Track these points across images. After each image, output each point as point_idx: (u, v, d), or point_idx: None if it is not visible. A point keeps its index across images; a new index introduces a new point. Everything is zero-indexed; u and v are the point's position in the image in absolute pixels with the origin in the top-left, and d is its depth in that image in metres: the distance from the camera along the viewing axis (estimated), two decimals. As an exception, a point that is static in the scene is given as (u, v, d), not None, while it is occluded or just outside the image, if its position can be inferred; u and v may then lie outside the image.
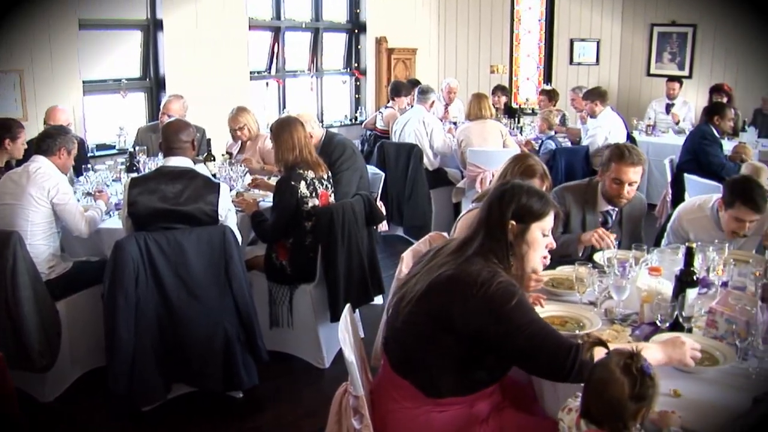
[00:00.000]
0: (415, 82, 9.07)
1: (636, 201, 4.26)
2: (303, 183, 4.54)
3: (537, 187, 2.89)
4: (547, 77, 11.41)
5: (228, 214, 4.19)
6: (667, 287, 3.07)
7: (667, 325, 2.90)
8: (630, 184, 3.99)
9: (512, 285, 2.47)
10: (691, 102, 10.11)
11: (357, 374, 2.53)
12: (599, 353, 2.28)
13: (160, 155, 4.81)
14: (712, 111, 7.21)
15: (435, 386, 2.54)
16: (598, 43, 11.28)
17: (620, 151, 4.03)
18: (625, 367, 2.08)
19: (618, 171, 3.97)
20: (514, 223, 2.60)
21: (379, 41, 10.19)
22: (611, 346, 2.34)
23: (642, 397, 2.08)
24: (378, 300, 5.07)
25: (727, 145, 7.39)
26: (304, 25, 9.47)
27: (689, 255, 2.97)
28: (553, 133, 7.81)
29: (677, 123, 9.59)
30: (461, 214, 3.84)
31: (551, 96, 9.37)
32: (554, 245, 2.78)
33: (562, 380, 2.45)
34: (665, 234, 4.38)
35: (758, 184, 3.91)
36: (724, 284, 3.40)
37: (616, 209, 4.18)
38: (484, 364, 2.54)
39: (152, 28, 7.46)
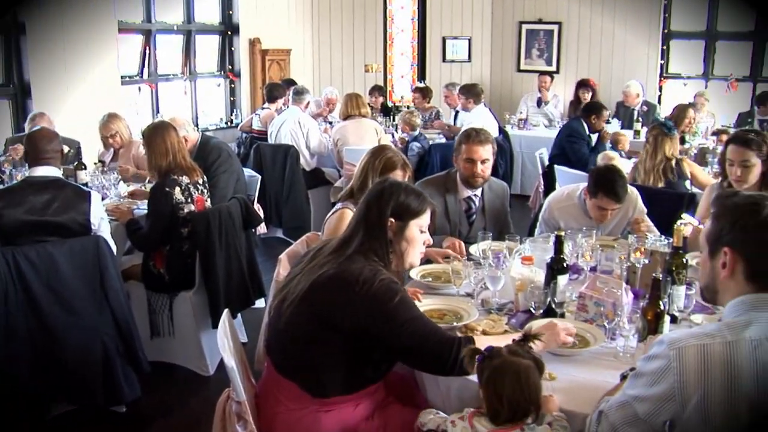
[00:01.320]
0: (291, 82, 9.04)
1: (498, 188, 4.46)
2: (178, 189, 4.46)
3: (401, 178, 2.94)
4: (421, 75, 11.60)
5: (101, 224, 4.07)
6: (539, 275, 3.18)
7: (541, 311, 3.00)
8: (482, 162, 4.17)
9: (394, 283, 2.52)
10: (560, 95, 10.53)
11: (238, 380, 2.51)
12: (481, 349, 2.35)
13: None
14: (591, 110, 7.49)
15: (320, 386, 2.55)
16: (469, 40, 11.56)
17: (467, 133, 4.26)
18: (523, 351, 2.21)
19: (468, 151, 4.16)
20: (393, 220, 2.65)
21: (253, 43, 10.09)
22: (494, 341, 2.42)
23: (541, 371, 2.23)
24: (259, 303, 5.03)
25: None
26: (176, 28, 9.27)
27: (558, 243, 3.10)
28: (417, 133, 7.93)
29: (546, 103, 9.99)
30: (328, 215, 3.87)
31: (425, 93, 9.52)
32: (431, 241, 2.85)
33: (446, 374, 2.51)
34: (538, 223, 4.54)
35: (620, 174, 4.09)
36: (593, 269, 3.55)
37: (479, 196, 4.33)
38: (369, 361, 2.57)
39: (14, 31, 7.12)
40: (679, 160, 5.42)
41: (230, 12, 9.96)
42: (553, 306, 3.02)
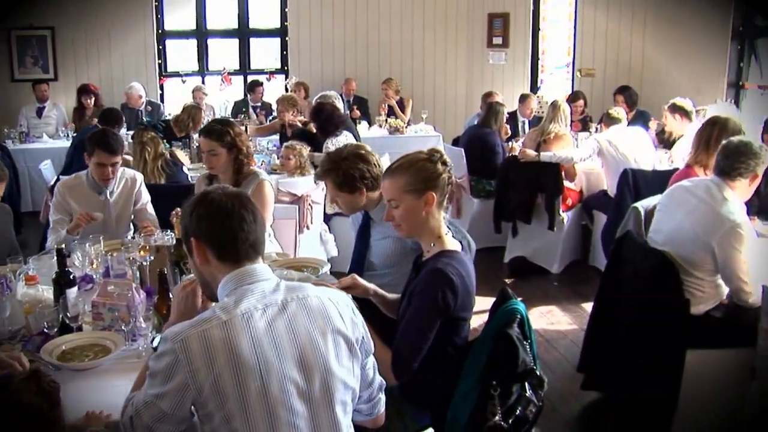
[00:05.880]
0: None
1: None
2: None
3: None
4: None
5: None
6: (48, 293, 3.08)
7: (56, 329, 2.90)
8: None
9: None
10: (61, 103, 10.10)
11: None
12: None
13: None
14: (109, 118, 7.26)
15: None
16: (-46, 52, 10.46)
17: None
18: (38, 390, 2.02)
19: None
20: None
21: None
22: None
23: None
24: None
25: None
26: None
27: (60, 256, 3.01)
28: None
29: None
30: None
31: None
32: None
33: None
34: (50, 215, 4.45)
35: (112, 132, 4.62)
36: (107, 275, 3.51)
37: None
38: None
39: None
40: (172, 152, 5.79)
41: None
42: (67, 321, 2.93)
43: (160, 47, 10.78)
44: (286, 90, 10.05)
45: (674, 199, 4.03)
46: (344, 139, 6.22)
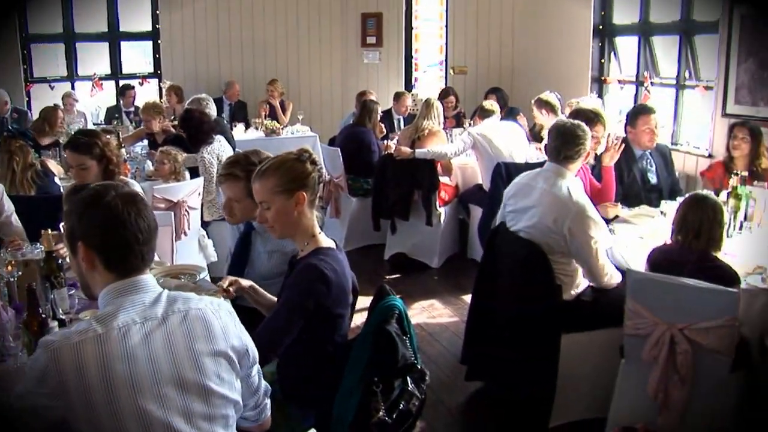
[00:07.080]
0: None
1: None
2: None
3: None
4: None
5: None
6: None
7: None
8: None
9: None
10: None
11: None
12: None
13: None
14: None
15: None
16: None
17: None
18: None
19: None
20: None
21: None
22: None
23: None
24: None
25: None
26: None
27: None
28: None
29: None
30: None
31: None
32: None
33: None
34: None
35: None
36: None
37: None
38: None
39: None
40: (42, 161, 5.73)
41: None
42: None
43: (25, 51, 10.29)
44: (160, 95, 9.81)
45: (519, 196, 4.16)
46: (218, 145, 6.13)
